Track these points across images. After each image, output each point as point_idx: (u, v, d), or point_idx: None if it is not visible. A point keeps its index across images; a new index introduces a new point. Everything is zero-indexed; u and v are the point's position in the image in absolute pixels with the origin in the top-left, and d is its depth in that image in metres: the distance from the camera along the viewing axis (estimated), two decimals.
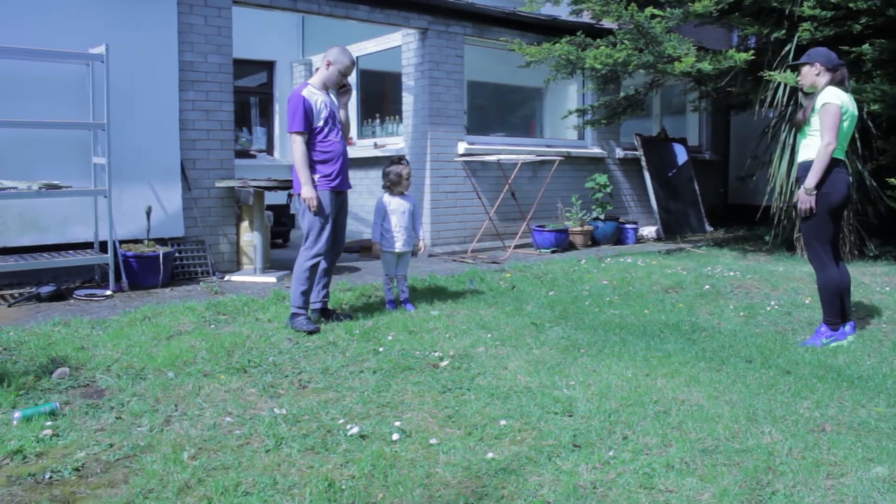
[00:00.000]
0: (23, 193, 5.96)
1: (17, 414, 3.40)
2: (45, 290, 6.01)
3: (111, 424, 3.39)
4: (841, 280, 4.98)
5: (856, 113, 4.89)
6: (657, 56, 8.44)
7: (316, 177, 5.21)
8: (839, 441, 3.23)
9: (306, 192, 5.11)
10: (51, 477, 2.85)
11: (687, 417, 3.49)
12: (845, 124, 4.78)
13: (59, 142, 6.50)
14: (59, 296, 6.07)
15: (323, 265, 5.40)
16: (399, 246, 5.84)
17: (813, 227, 4.87)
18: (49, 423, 3.34)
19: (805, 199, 4.77)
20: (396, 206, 5.83)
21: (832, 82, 4.84)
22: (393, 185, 5.83)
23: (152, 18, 6.87)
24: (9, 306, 5.79)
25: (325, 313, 5.49)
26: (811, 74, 4.92)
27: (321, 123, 5.22)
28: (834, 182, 4.77)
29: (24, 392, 3.76)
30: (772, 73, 8.14)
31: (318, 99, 5.23)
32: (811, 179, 4.72)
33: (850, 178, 4.99)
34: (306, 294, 5.20)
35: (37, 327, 4.99)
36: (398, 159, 5.93)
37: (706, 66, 8.20)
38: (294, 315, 5.17)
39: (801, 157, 4.94)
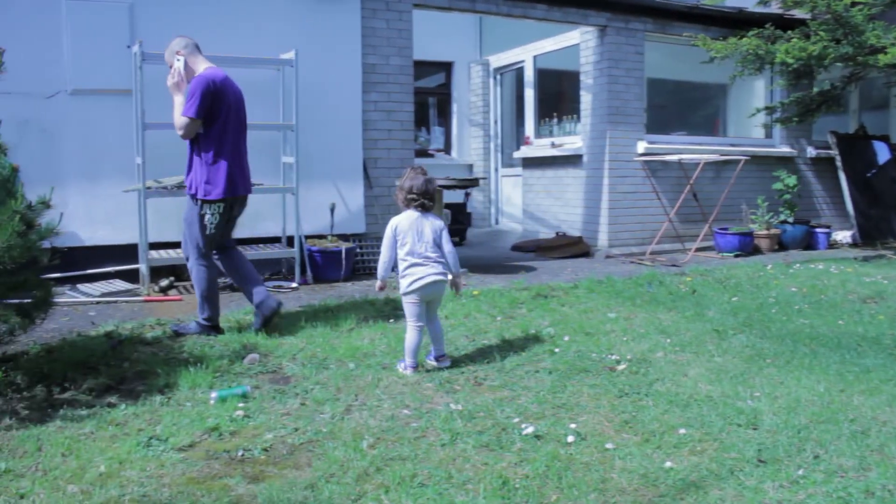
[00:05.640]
0: None
1: (213, 394, 3.64)
2: None
3: (296, 410, 3.55)
4: None
5: None
6: (857, 47, 7.82)
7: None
8: None
9: None
10: (243, 455, 3.02)
11: (889, 440, 3.17)
12: None
13: (252, 142, 6.88)
14: None
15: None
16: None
17: None
18: (241, 405, 3.55)
19: None
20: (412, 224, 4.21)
21: None
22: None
23: (337, 23, 7.18)
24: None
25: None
26: None
27: None
28: None
29: (219, 374, 4.03)
30: None
31: None
32: None
33: None
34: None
35: (230, 315, 5.33)
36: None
37: None
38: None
39: None
